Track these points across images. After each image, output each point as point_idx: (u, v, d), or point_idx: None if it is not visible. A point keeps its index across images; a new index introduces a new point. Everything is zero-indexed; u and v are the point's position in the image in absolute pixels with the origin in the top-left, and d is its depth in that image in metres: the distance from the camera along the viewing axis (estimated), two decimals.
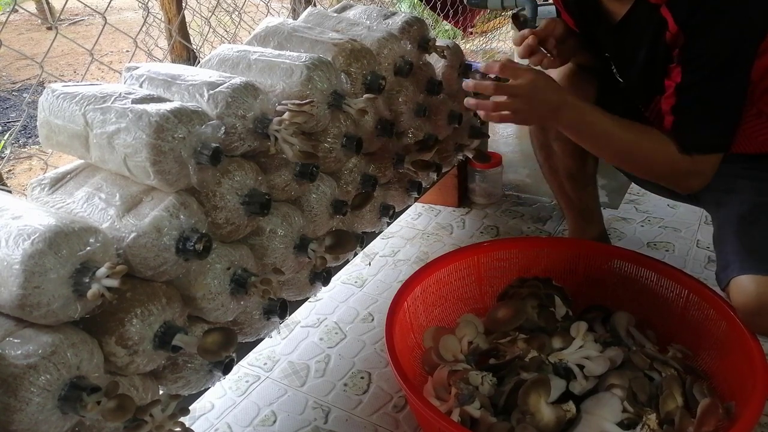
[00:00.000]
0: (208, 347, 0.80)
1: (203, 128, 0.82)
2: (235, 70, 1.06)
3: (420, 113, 1.34)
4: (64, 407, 0.68)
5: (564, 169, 1.45)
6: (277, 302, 1.01)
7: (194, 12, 2.36)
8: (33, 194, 0.90)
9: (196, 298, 0.87)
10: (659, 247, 1.71)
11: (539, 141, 1.45)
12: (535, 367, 1.12)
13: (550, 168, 1.48)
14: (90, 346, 0.72)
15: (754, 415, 0.91)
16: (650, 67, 1.11)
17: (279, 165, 1.00)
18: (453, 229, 1.88)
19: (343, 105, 1.04)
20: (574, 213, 1.55)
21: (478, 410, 1.06)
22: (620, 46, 1.17)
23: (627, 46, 1.15)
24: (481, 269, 1.37)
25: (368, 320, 1.49)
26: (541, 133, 1.43)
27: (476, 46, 3.79)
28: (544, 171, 1.51)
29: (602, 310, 1.30)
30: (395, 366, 1.02)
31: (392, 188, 1.38)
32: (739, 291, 1.03)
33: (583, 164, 1.44)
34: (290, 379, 1.32)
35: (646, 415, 1.03)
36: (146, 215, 0.80)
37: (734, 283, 1.03)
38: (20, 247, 0.67)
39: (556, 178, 1.49)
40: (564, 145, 1.40)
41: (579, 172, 1.45)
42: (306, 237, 1.04)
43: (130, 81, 0.98)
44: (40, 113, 0.90)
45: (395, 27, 1.31)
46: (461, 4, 3.11)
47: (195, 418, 1.22)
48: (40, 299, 0.67)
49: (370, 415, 1.21)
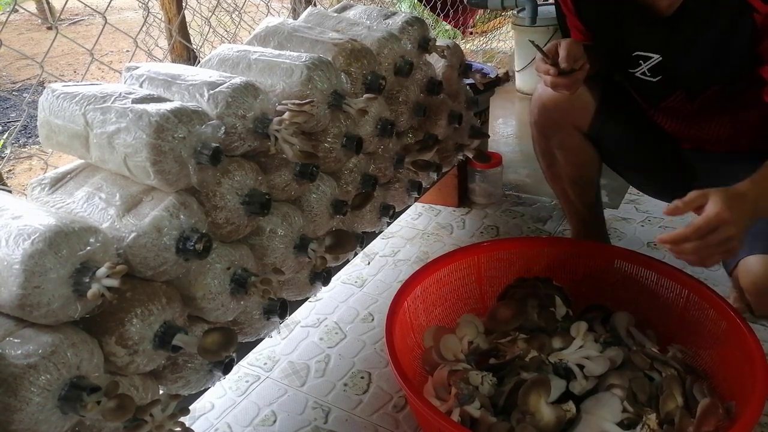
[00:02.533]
0: (208, 347, 0.80)
1: (203, 128, 0.82)
2: (236, 70, 1.06)
3: (420, 113, 1.34)
4: (64, 407, 0.68)
5: (567, 176, 1.44)
6: (277, 302, 1.01)
7: (194, 12, 2.37)
8: (33, 194, 0.90)
9: (196, 298, 0.87)
10: (659, 247, 1.71)
11: (542, 148, 1.44)
12: (535, 367, 1.12)
13: (553, 175, 1.47)
14: (90, 346, 0.72)
15: (754, 415, 0.91)
16: (720, 56, 1.08)
17: (279, 165, 1.00)
18: (453, 229, 1.88)
19: (343, 105, 1.04)
20: (577, 219, 1.54)
21: (478, 410, 1.06)
22: (672, 40, 1.13)
23: (683, 38, 1.11)
24: (481, 269, 1.37)
25: (368, 320, 1.49)
26: (543, 141, 1.42)
27: (476, 46, 3.79)
28: (547, 177, 1.50)
29: (602, 310, 1.30)
30: (395, 366, 1.02)
31: (392, 188, 1.38)
32: (746, 271, 1.02)
33: (586, 171, 1.42)
34: (290, 379, 1.32)
35: (646, 415, 1.03)
36: (146, 215, 0.80)
37: (742, 265, 1.03)
38: (20, 247, 0.67)
39: (559, 184, 1.48)
40: (566, 153, 1.39)
41: (582, 179, 1.44)
42: (306, 237, 1.04)
43: (130, 81, 0.98)
44: (40, 113, 0.90)
45: (395, 27, 1.30)
46: (461, 4, 3.12)
47: (195, 418, 1.22)
48: (40, 299, 0.67)
49: (370, 415, 1.21)
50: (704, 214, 0.92)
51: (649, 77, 1.21)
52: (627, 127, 1.34)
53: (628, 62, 1.22)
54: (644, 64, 1.20)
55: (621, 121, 1.34)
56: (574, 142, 1.37)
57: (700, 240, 0.91)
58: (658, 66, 1.19)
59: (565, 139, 1.37)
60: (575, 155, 1.39)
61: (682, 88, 1.19)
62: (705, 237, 0.91)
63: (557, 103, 1.32)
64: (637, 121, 1.35)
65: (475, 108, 1.67)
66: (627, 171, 1.45)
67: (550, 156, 1.43)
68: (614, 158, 1.41)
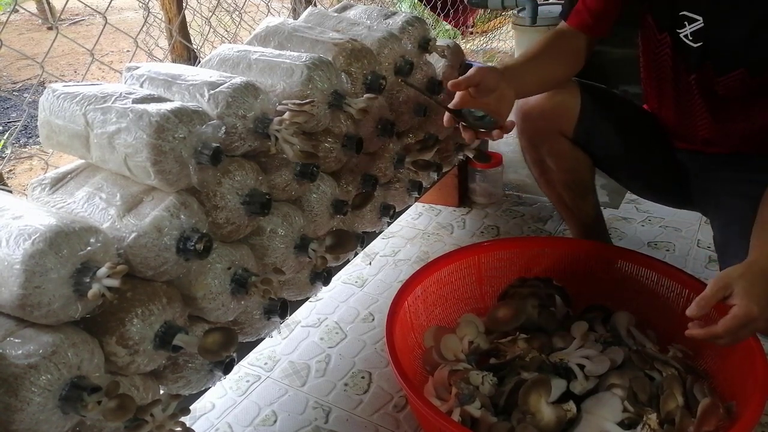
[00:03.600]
0: (208, 347, 0.80)
1: (204, 128, 0.82)
2: (236, 70, 1.06)
3: (420, 113, 1.34)
4: (65, 407, 0.68)
5: (560, 182, 1.42)
6: (278, 302, 1.01)
7: (195, 12, 2.37)
8: (33, 194, 0.90)
9: (197, 298, 0.87)
10: (660, 247, 1.71)
11: (532, 157, 1.42)
12: (536, 367, 1.12)
13: (546, 182, 1.45)
14: (91, 346, 0.72)
15: (754, 415, 0.91)
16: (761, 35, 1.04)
17: (279, 165, 1.00)
18: (453, 228, 1.88)
19: (344, 105, 1.04)
20: (574, 222, 1.53)
21: (478, 410, 1.06)
22: (717, 3, 1.08)
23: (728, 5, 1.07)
24: (481, 269, 1.37)
25: (369, 320, 1.49)
26: (532, 150, 1.39)
27: (476, 46, 3.79)
28: (541, 184, 1.48)
29: (602, 310, 1.30)
30: (396, 366, 1.02)
31: (392, 188, 1.38)
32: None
33: (578, 175, 1.40)
34: (291, 378, 1.32)
35: (647, 414, 1.03)
36: (147, 215, 0.80)
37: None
38: (21, 247, 0.67)
39: (553, 191, 1.46)
40: (557, 160, 1.37)
41: (576, 183, 1.42)
42: (306, 237, 1.04)
43: (131, 81, 0.98)
44: (40, 113, 0.90)
45: (395, 27, 1.30)
46: (461, 3, 3.12)
47: (195, 417, 1.22)
48: (40, 299, 0.67)
49: (371, 415, 1.21)
50: (733, 314, 0.91)
51: (691, 41, 1.14)
52: (613, 131, 1.32)
53: (675, 21, 1.15)
54: (688, 27, 1.13)
55: (606, 126, 1.31)
56: (563, 149, 1.34)
57: (731, 336, 0.92)
58: (699, 31, 1.12)
59: (553, 146, 1.34)
60: (566, 161, 1.36)
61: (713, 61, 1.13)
62: (736, 333, 0.91)
63: (541, 110, 1.29)
64: (623, 123, 1.33)
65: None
66: (618, 175, 1.44)
67: (540, 164, 1.40)
68: (604, 163, 1.39)
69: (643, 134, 1.33)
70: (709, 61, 1.14)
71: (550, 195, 1.49)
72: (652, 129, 1.34)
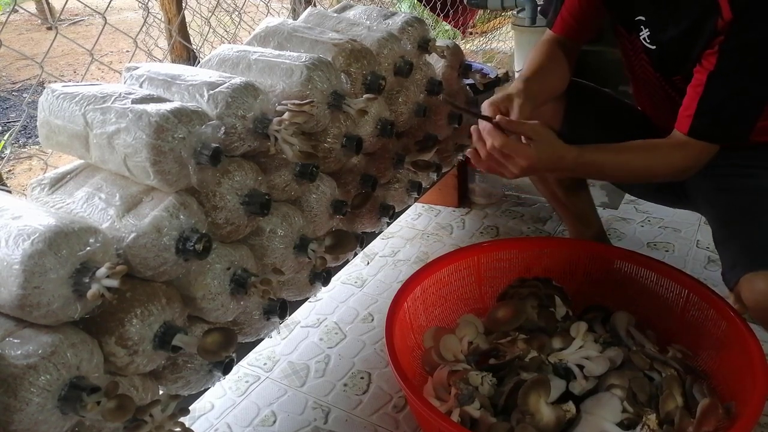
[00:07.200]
0: (208, 347, 0.80)
1: (203, 128, 0.82)
2: (235, 70, 1.06)
3: (420, 113, 1.34)
4: (64, 407, 0.68)
5: (553, 178, 1.45)
6: (277, 302, 1.01)
7: (194, 12, 2.37)
8: (33, 194, 0.90)
9: (196, 298, 0.87)
10: (659, 247, 1.71)
11: None
12: (535, 367, 1.12)
13: (539, 179, 1.48)
14: (90, 347, 0.72)
15: (754, 415, 0.91)
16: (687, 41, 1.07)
17: (279, 165, 1.00)
18: (453, 229, 1.88)
19: (343, 105, 1.04)
20: (570, 218, 1.55)
21: (478, 410, 1.06)
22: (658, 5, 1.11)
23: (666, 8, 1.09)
24: (481, 269, 1.37)
25: (368, 320, 1.49)
26: None
27: (476, 46, 3.79)
28: (534, 182, 1.51)
29: (602, 310, 1.30)
30: (395, 366, 1.02)
31: (392, 188, 1.38)
32: (751, 289, 0.99)
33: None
34: (290, 379, 1.32)
35: (646, 415, 1.03)
36: (146, 215, 0.80)
37: (745, 282, 1.00)
38: (20, 247, 0.67)
39: (547, 187, 1.49)
40: None
41: (568, 179, 1.44)
42: (306, 237, 1.04)
43: (130, 81, 0.98)
44: (40, 113, 0.90)
45: (395, 27, 1.30)
46: (461, 4, 3.12)
47: (195, 418, 1.22)
48: (40, 299, 0.67)
49: (370, 416, 1.21)
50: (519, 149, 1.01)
51: (649, 44, 1.17)
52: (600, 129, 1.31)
53: (632, 26, 1.18)
54: (644, 30, 1.16)
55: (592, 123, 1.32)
56: None
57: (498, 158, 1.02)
58: (650, 34, 1.16)
59: None
60: None
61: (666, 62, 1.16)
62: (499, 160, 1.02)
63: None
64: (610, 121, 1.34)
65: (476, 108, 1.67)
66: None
67: None
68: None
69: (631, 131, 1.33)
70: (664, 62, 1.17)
71: (544, 192, 1.51)
72: (641, 127, 1.34)
